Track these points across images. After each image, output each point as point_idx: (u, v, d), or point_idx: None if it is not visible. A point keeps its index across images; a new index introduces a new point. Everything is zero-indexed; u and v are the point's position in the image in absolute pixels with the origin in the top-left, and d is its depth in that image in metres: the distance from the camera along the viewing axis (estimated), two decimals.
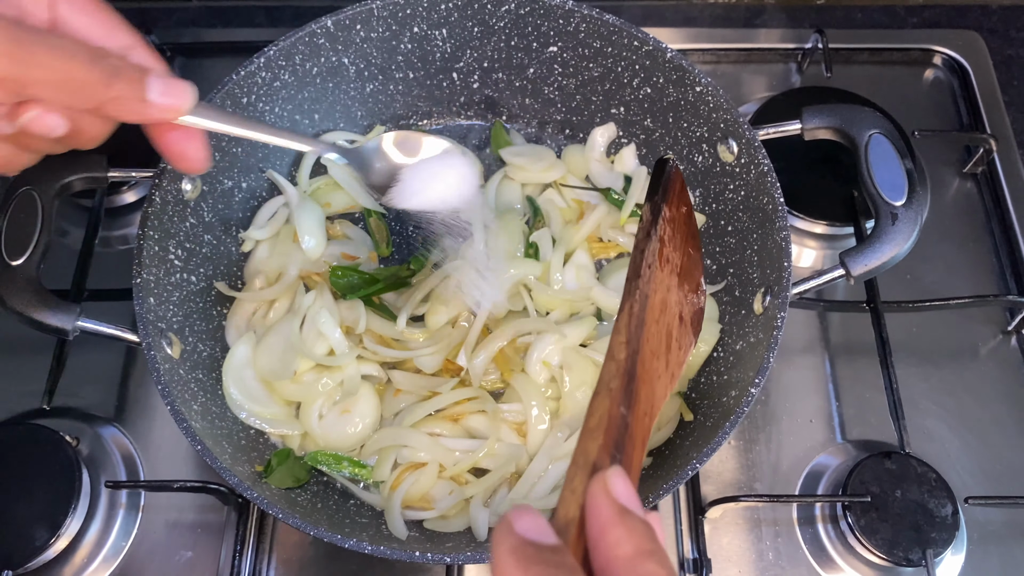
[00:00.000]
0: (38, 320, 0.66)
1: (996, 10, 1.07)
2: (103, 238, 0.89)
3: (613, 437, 0.36)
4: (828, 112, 0.73)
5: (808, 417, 0.81)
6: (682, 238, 0.53)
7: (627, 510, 0.34)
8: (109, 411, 0.81)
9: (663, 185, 0.51)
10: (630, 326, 0.42)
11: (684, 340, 0.49)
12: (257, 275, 0.81)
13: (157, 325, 0.68)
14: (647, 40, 0.77)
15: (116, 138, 0.94)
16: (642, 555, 0.33)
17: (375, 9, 0.80)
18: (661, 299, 0.47)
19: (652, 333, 0.44)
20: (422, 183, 0.68)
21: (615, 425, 0.37)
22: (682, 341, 0.49)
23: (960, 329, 0.85)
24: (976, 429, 0.80)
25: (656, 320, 0.45)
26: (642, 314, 0.44)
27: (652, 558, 0.33)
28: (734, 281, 0.78)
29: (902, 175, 0.70)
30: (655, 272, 0.47)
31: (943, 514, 0.71)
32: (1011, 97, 1.00)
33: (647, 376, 0.41)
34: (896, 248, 0.68)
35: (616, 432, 0.37)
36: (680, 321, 0.49)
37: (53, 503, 0.71)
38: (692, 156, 0.81)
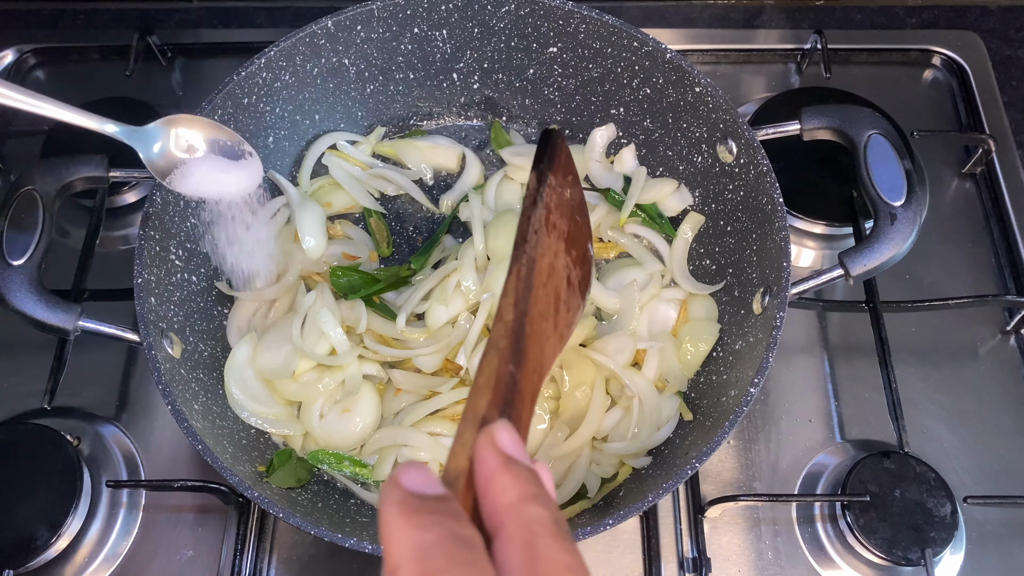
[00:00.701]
0: (39, 320, 0.66)
1: (995, 11, 1.08)
2: (104, 238, 0.89)
3: (502, 393, 0.37)
4: (827, 112, 0.74)
5: (807, 417, 0.81)
6: (568, 206, 0.55)
7: (513, 459, 0.34)
8: (110, 411, 0.81)
9: (548, 154, 0.53)
10: (518, 289, 0.44)
11: (572, 303, 0.51)
12: (257, 275, 0.82)
13: (158, 325, 0.68)
14: (647, 41, 0.78)
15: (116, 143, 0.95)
16: (526, 499, 0.33)
17: (376, 10, 0.80)
18: (549, 263, 0.48)
19: (540, 296, 0.46)
20: (201, 176, 0.68)
21: (503, 382, 0.38)
22: (570, 303, 0.51)
23: (959, 329, 0.86)
24: (975, 429, 0.81)
25: (544, 284, 0.47)
26: (530, 277, 0.45)
27: (536, 501, 0.33)
28: (733, 281, 0.78)
29: (901, 175, 0.70)
30: (542, 238, 0.49)
31: (942, 513, 0.71)
32: (1010, 97, 1.00)
33: (536, 336, 0.43)
34: (895, 248, 0.68)
35: (504, 389, 0.38)
36: (568, 284, 0.51)
37: (54, 502, 0.71)
38: (691, 156, 0.81)
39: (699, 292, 0.80)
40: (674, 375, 0.77)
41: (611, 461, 0.74)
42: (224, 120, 0.77)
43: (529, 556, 0.31)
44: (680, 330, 0.80)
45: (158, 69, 1.01)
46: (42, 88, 1.01)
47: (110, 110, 0.93)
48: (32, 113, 0.62)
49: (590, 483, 0.73)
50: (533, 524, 0.32)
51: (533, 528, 0.32)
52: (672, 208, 0.84)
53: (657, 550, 0.73)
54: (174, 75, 1.01)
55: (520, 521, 0.32)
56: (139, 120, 0.92)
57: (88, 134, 0.90)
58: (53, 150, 0.91)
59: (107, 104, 0.94)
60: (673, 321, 0.80)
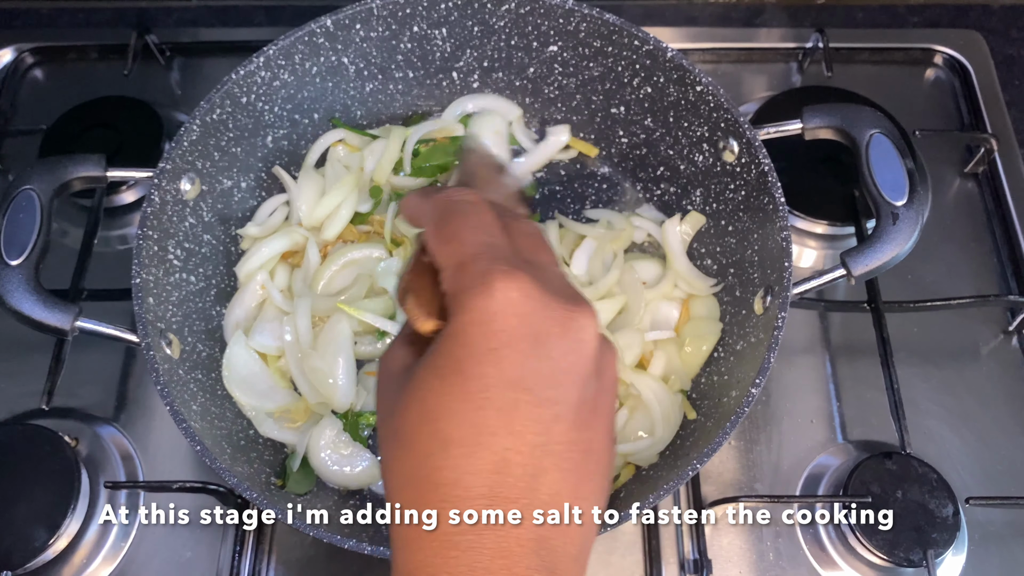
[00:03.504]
0: (37, 320, 0.65)
1: (997, 10, 1.07)
2: (102, 238, 0.89)
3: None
4: (829, 112, 0.73)
5: (809, 417, 0.81)
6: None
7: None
8: (108, 411, 0.81)
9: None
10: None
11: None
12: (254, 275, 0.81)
13: (156, 325, 0.68)
14: (647, 39, 0.77)
15: (115, 138, 0.94)
16: (448, 193, 0.43)
17: (375, 8, 0.79)
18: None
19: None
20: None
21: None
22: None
23: (961, 329, 0.85)
24: (977, 429, 0.80)
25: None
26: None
27: (457, 192, 0.43)
28: (735, 281, 0.78)
29: (903, 175, 0.70)
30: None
31: (944, 514, 0.71)
32: (1012, 97, 1.00)
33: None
34: (897, 248, 0.68)
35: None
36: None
37: (52, 503, 0.71)
38: (693, 156, 0.81)
39: (704, 285, 0.80)
40: (677, 373, 0.77)
41: (615, 462, 0.73)
42: (222, 119, 0.76)
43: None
44: (682, 329, 0.79)
45: (156, 68, 1.00)
46: (40, 87, 1.01)
47: (109, 109, 0.93)
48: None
49: None
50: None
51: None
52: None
53: (658, 551, 0.73)
54: (172, 74, 1.01)
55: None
56: (139, 120, 0.92)
57: (85, 134, 0.92)
58: (51, 149, 0.91)
59: (106, 103, 0.94)
60: (675, 320, 0.80)
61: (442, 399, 0.36)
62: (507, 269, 0.37)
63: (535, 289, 0.37)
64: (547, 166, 0.90)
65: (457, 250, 0.39)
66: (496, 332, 0.36)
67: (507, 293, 0.36)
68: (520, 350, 0.36)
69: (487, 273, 0.37)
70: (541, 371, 0.37)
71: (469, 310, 0.37)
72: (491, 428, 0.36)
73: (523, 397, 0.36)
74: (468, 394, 0.36)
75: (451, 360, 0.37)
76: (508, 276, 0.37)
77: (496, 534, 0.35)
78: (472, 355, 0.36)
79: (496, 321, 0.36)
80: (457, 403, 0.36)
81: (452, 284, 0.38)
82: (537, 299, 0.37)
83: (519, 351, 0.36)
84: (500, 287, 0.36)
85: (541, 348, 0.37)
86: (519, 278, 0.37)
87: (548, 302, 0.37)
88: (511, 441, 0.36)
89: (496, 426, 0.36)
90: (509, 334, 0.36)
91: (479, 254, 0.38)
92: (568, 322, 0.38)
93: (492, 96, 0.89)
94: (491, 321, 0.36)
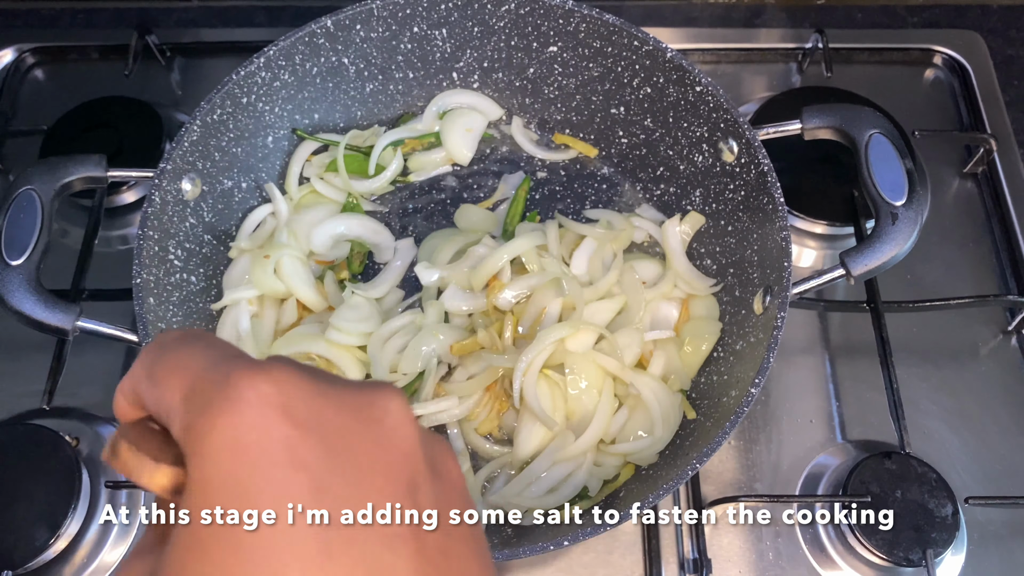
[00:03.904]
0: (38, 320, 0.66)
1: (996, 10, 1.07)
2: (103, 238, 0.89)
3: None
4: (828, 112, 0.73)
5: (808, 417, 0.81)
6: None
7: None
8: (109, 411, 0.81)
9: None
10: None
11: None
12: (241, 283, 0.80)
13: (157, 325, 0.68)
14: (647, 40, 0.77)
15: (116, 138, 0.95)
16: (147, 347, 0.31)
17: (375, 9, 0.80)
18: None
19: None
20: None
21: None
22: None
23: (960, 329, 0.85)
24: (976, 429, 0.80)
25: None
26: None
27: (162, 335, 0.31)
28: (734, 281, 0.78)
29: (902, 175, 0.70)
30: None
31: (943, 514, 0.71)
32: (1011, 97, 1.00)
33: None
34: (896, 248, 0.68)
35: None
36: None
37: (53, 503, 0.71)
38: (692, 156, 0.81)
39: (703, 284, 0.80)
40: (677, 373, 0.77)
41: (615, 462, 0.74)
42: (223, 120, 0.77)
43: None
44: (681, 329, 0.79)
45: (157, 68, 1.00)
46: (41, 87, 1.01)
47: (109, 109, 0.94)
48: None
49: (592, 484, 0.72)
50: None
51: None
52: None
53: (658, 551, 0.73)
54: (173, 74, 1.01)
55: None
56: (139, 120, 0.92)
57: (86, 134, 0.92)
58: (52, 150, 0.91)
59: (106, 104, 0.94)
60: (674, 320, 0.80)
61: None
62: (251, 364, 0.27)
63: (297, 376, 0.27)
64: (547, 166, 0.90)
65: (179, 380, 0.28)
66: (261, 451, 0.25)
67: (258, 389, 0.26)
68: (306, 466, 0.25)
69: (225, 378, 0.26)
70: (346, 489, 0.25)
71: (211, 434, 0.25)
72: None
73: (333, 536, 0.24)
74: (245, 560, 0.24)
75: (204, 520, 0.25)
76: (255, 370, 0.26)
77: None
78: (233, 497, 0.24)
79: (255, 435, 0.25)
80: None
81: (183, 418, 0.27)
82: (306, 387, 0.27)
83: (305, 469, 0.25)
84: (246, 385, 0.26)
85: (334, 454, 0.26)
86: (270, 368, 0.27)
87: (323, 389, 0.27)
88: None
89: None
90: (283, 445, 0.25)
91: (206, 369, 0.27)
92: (363, 407, 0.27)
93: (475, 94, 0.90)
94: (248, 439, 0.25)
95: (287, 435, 0.25)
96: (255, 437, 0.25)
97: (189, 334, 0.30)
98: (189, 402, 0.27)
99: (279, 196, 0.84)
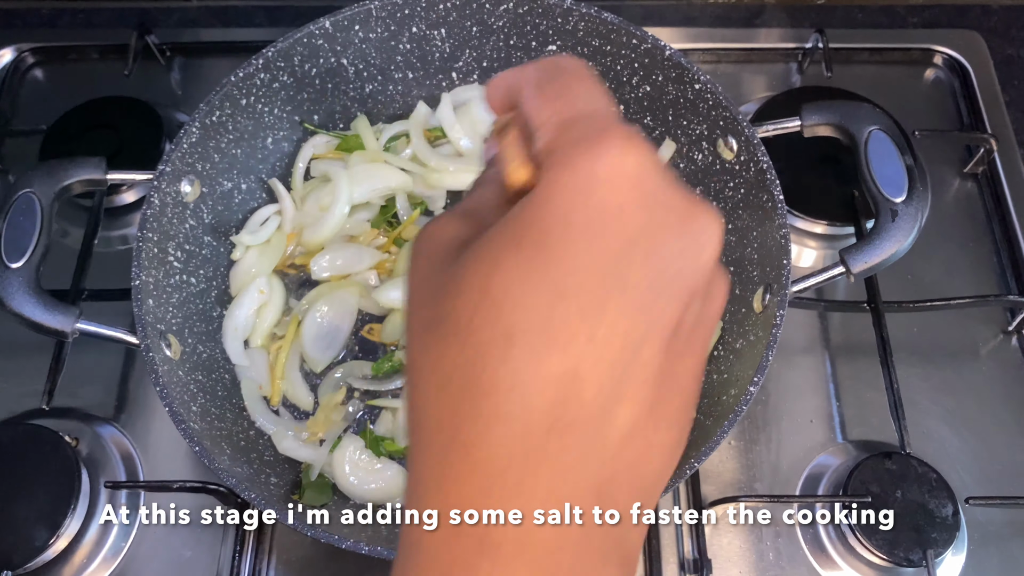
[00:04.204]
0: (38, 322, 0.66)
1: (997, 10, 1.07)
2: (103, 238, 0.89)
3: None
4: (827, 108, 0.73)
5: (808, 417, 0.81)
6: None
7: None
8: (108, 411, 0.81)
9: None
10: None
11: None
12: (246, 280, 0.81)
13: (156, 327, 0.68)
14: (645, 38, 0.77)
15: (115, 138, 0.95)
16: (555, 58, 0.34)
17: (373, 10, 0.80)
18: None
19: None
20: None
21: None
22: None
23: (961, 329, 0.85)
24: (977, 429, 0.80)
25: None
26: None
27: (565, 57, 0.34)
28: (734, 279, 0.78)
29: (902, 171, 0.69)
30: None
31: (944, 514, 0.71)
32: (1012, 97, 1.00)
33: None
34: (896, 244, 0.67)
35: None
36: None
37: (52, 503, 0.71)
38: (692, 154, 0.81)
39: None
40: None
41: None
42: (222, 121, 0.77)
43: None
44: None
45: (157, 68, 1.00)
46: (41, 87, 1.01)
47: (109, 109, 0.94)
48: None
49: None
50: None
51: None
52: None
53: (658, 551, 0.73)
54: (173, 74, 1.01)
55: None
56: (139, 120, 0.92)
57: (86, 134, 0.92)
58: (51, 150, 0.91)
59: (106, 104, 0.94)
60: None
61: (512, 278, 0.28)
62: (628, 131, 0.29)
63: (656, 166, 0.29)
64: None
65: (565, 107, 0.31)
66: (601, 203, 0.28)
67: (624, 158, 0.28)
68: (625, 235, 0.28)
69: (603, 131, 0.29)
70: (645, 270, 0.28)
71: (571, 168, 0.28)
72: (569, 328, 0.27)
73: (615, 298, 0.28)
74: (548, 277, 0.27)
75: (534, 229, 0.28)
76: (628, 139, 0.29)
77: (555, 465, 0.27)
78: (564, 226, 0.28)
79: (604, 188, 0.28)
80: (531, 286, 0.27)
81: (553, 139, 0.30)
82: (657, 178, 0.29)
83: (623, 236, 0.28)
84: (617, 149, 0.28)
85: (651, 241, 0.28)
86: (640, 145, 0.29)
87: (668, 187, 0.29)
88: (589, 351, 0.27)
89: (575, 327, 0.27)
90: (617, 210, 0.28)
91: (594, 113, 0.30)
92: (689, 218, 0.29)
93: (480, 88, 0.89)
94: (597, 188, 0.28)
95: (622, 203, 0.28)
96: (601, 194, 0.28)
97: (589, 74, 0.32)
98: (563, 130, 0.30)
99: (284, 192, 0.84)
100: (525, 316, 0.27)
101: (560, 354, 0.27)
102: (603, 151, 0.28)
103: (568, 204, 0.28)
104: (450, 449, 0.28)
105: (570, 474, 0.28)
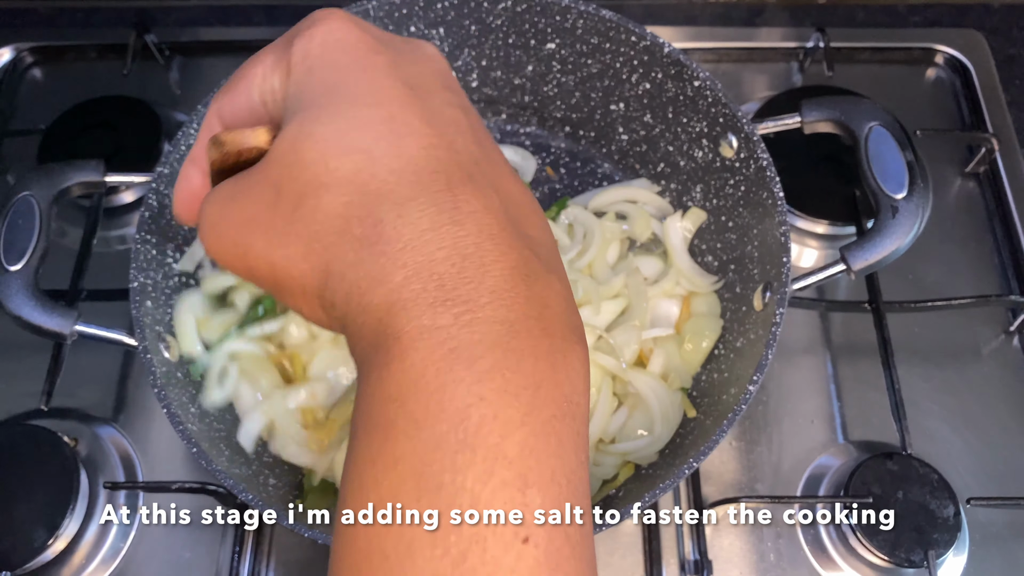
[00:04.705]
0: (36, 325, 0.66)
1: (998, 9, 1.07)
2: (101, 238, 0.89)
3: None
4: (827, 104, 0.73)
5: (809, 418, 0.81)
6: None
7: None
8: (107, 412, 0.81)
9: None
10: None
11: None
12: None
13: (154, 328, 0.68)
14: (644, 35, 0.77)
15: (114, 138, 0.95)
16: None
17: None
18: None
19: None
20: None
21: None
22: None
23: (962, 329, 0.85)
24: (978, 430, 0.80)
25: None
26: None
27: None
28: (735, 277, 0.78)
29: (903, 167, 0.69)
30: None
31: (945, 515, 0.71)
32: (1013, 96, 0.99)
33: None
34: (897, 241, 0.67)
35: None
36: None
37: (51, 504, 0.71)
38: (692, 152, 0.81)
39: (706, 282, 0.79)
40: (677, 371, 0.76)
41: (614, 462, 0.73)
42: None
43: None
44: (682, 327, 0.79)
45: (156, 67, 1.00)
46: (39, 86, 1.01)
47: (108, 109, 0.93)
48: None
49: (591, 484, 0.72)
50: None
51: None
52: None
53: (658, 552, 0.73)
54: (172, 73, 1.01)
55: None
56: (138, 119, 0.92)
57: (85, 134, 0.91)
58: (50, 149, 0.91)
59: (105, 103, 0.94)
60: (675, 317, 0.80)
61: (326, 118, 0.32)
62: (327, 11, 0.35)
63: (362, 21, 0.35)
64: (547, 163, 0.90)
65: (250, 64, 0.39)
66: (346, 41, 0.34)
67: (337, 15, 0.35)
68: (383, 54, 0.34)
69: (310, 19, 0.35)
70: (416, 71, 0.34)
71: (308, 39, 0.34)
72: (406, 121, 0.32)
73: (416, 92, 0.33)
74: (355, 101, 0.32)
75: (316, 90, 0.33)
76: (331, 13, 0.35)
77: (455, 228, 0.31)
78: (339, 70, 0.33)
79: (339, 32, 0.34)
80: (350, 110, 0.32)
81: (279, 56, 0.36)
82: (371, 26, 0.36)
83: (383, 54, 0.34)
84: (327, 14, 0.35)
85: (401, 55, 0.34)
86: (342, 13, 0.35)
87: (383, 31, 0.36)
88: (434, 137, 0.32)
89: (409, 117, 0.32)
90: (365, 43, 0.34)
91: (287, 35, 0.36)
92: (410, 41, 0.37)
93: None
94: (334, 34, 0.34)
95: (361, 36, 0.34)
96: (341, 35, 0.34)
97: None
98: (282, 46, 0.36)
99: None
100: (360, 127, 0.32)
101: (410, 142, 0.32)
102: (320, 23, 0.34)
103: (324, 61, 0.33)
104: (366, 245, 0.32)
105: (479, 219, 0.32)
